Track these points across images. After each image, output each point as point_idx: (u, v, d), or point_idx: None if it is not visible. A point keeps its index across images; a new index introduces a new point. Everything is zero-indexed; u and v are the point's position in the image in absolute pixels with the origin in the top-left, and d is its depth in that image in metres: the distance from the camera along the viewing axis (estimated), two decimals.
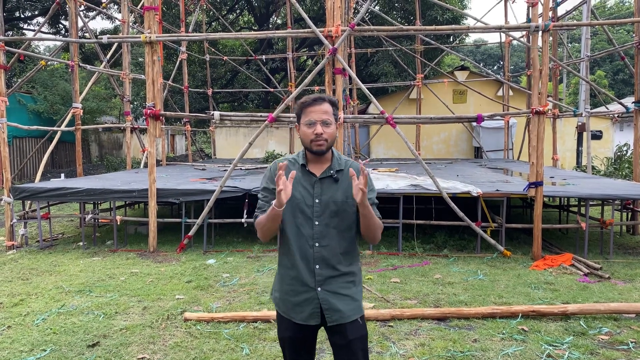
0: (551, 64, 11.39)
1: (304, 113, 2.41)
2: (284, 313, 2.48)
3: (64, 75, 18.53)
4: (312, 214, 2.39)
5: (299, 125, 2.45)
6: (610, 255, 7.03)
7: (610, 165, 14.31)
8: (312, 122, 2.37)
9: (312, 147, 2.39)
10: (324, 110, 2.39)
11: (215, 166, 12.44)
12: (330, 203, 2.39)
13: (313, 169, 2.45)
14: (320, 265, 2.38)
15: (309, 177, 2.43)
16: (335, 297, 2.39)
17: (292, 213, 2.40)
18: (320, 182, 2.42)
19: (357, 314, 2.43)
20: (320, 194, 2.40)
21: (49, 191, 7.71)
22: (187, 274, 6.24)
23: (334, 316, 2.38)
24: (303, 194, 2.41)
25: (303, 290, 2.40)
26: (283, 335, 2.51)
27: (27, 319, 4.73)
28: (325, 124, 2.38)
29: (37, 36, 12.37)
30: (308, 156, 2.47)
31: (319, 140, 2.37)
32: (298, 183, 2.42)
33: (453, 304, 5.07)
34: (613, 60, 35.91)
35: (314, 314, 2.39)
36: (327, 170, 2.43)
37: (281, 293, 2.49)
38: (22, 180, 15.85)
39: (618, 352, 3.95)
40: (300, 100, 2.47)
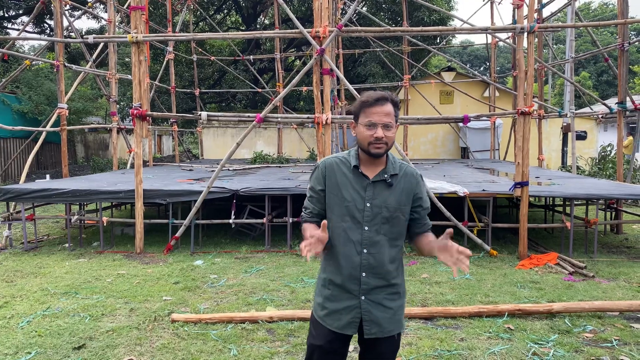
0: (536, 65, 11.52)
1: (364, 113, 2.25)
2: (320, 319, 2.36)
3: (49, 75, 18.33)
4: (363, 218, 2.25)
5: (356, 123, 2.29)
6: (595, 254, 7.12)
7: (595, 166, 14.49)
8: (373, 124, 2.22)
9: (370, 150, 2.24)
10: (386, 112, 2.23)
11: (202, 167, 12.39)
12: (383, 208, 2.26)
13: (366, 171, 2.30)
14: (367, 273, 2.25)
15: (361, 179, 2.29)
16: (378, 308, 2.28)
17: (340, 216, 2.28)
18: (372, 186, 2.28)
19: (396, 330, 2.32)
20: (372, 198, 2.26)
21: (34, 192, 7.62)
22: (174, 275, 6.20)
23: (372, 329, 2.27)
24: (354, 196, 2.27)
25: (345, 297, 2.29)
26: (314, 342, 2.38)
27: (11, 321, 4.67)
28: (387, 127, 2.22)
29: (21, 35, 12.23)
30: (361, 157, 2.31)
31: (379, 144, 2.22)
32: (349, 184, 2.29)
33: (440, 303, 5.10)
34: (597, 61, 36.39)
35: (352, 323, 2.29)
36: (381, 173, 2.29)
37: (322, 298, 2.37)
38: (7, 181, 15.64)
39: (602, 349, 4.01)
40: (360, 97, 2.31)
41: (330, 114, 7.25)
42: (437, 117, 8.22)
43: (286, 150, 16.68)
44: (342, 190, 2.29)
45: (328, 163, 2.36)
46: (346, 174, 2.31)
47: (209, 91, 20.75)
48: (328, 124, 7.20)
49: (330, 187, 2.33)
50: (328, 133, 7.36)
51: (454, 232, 7.64)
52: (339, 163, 2.34)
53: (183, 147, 18.91)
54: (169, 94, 16.00)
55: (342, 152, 2.41)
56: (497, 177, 9.76)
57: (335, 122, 9.16)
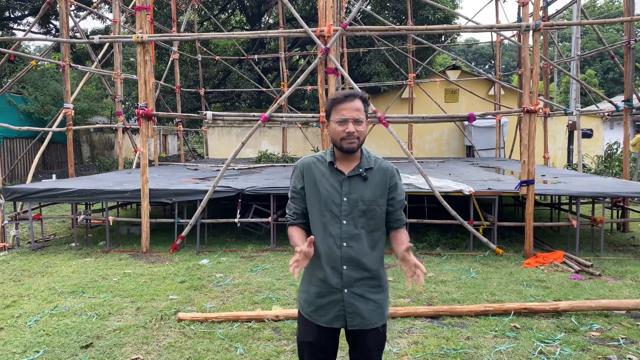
0: (542, 63, 11.47)
1: (335, 110, 2.35)
2: (307, 315, 2.42)
3: (54, 76, 18.40)
4: (340, 212, 2.33)
5: (328, 122, 2.40)
6: (601, 253, 7.10)
7: (601, 164, 14.42)
8: (344, 119, 2.31)
9: (343, 145, 2.33)
10: (356, 107, 2.33)
11: (207, 166, 12.42)
12: (359, 202, 2.34)
13: (341, 166, 2.39)
14: (347, 266, 2.32)
15: (337, 175, 2.38)
16: (361, 301, 2.34)
17: (319, 212, 2.36)
18: (348, 181, 2.36)
19: (380, 322, 2.38)
20: (349, 193, 2.35)
21: (41, 192, 7.66)
22: (180, 274, 6.22)
23: (355, 321, 2.33)
24: (331, 191, 2.36)
25: (329, 292, 2.35)
26: (303, 339, 2.45)
27: (19, 320, 4.71)
28: (357, 121, 2.32)
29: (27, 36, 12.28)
30: (336, 154, 2.41)
31: (351, 139, 2.31)
32: (326, 181, 2.37)
33: (446, 302, 5.10)
34: (603, 59, 36.15)
35: (339, 317, 2.34)
36: (356, 168, 2.38)
37: (307, 294, 2.43)
38: (13, 181, 15.73)
39: (609, 348, 3.99)
40: (331, 96, 2.41)
41: None
42: (442, 116, 8.20)
43: (291, 150, 16.69)
44: (319, 187, 2.38)
45: (305, 162, 2.47)
46: (323, 171, 2.41)
47: (213, 91, 20.78)
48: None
49: (309, 185, 2.42)
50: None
51: (460, 230, 7.61)
52: (315, 162, 2.44)
53: (188, 146, 18.93)
54: (174, 93, 16.05)
55: (320, 152, 2.53)
56: (502, 175, 9.73)
57: None
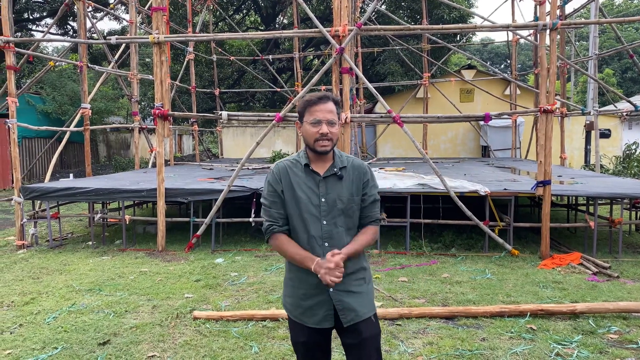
0: (559, 62, 11.34)
1: (308, 112, 2.38)
2: (296, 318, 2.43)
3: (72, 76, 18.65)
4: (320, 213, 2.36)
5: (301, 123, 2.41)
6: (619, 254, 7.00)
7: (619, 164, 14.23)
8: (318, 121, 2.34)
9: (316, 147, 2.36)
10: (329, 109, 2.36)
11: (222, 166, 12.49)
12: (337, 201, 2.37)
13: (316, 168, 2.41)
14: None
15: (313, 176, 2.40)
16: (348, 295, 2.36)
17: (299, 214, 2.37)
18: (324, 181, 2.39)
19: (370, 311, 2.41)
20: (326, 193, 2.37)
21: (59, 191, 7.77)
22: (195, 272, 6.27)
23: (349, 316, 2.34)
24: (308, 194, 2.38)
25: (315, 292, 2.37)
26: (297, 340, 2.47)
27: (38, 317, 4.78)
28: (331, 123, 2.35)
29: (45, 37, 12.43)
30: (310, 155, 2.43)
31: (324, 140, 2.34)
32: (303, 183, 2.39)
33: (461, 302, 5.07)
34: (621, 58, 35.64)
35: (327, 316, 2.37)
36: (331, 168, 2.41)
37: (292, 297, 2.45)
38: (31, 180, 15.97)
39: (627, 350, 3.94)
40: (304, 98, 2.43)
41: (349, 113, 7.25)
42: (457, 116, 8.15)
43: None
44: (296, 190, 2.39)
45: (281, 166, 2.46)
46: (298, 174, 2.41)
47: (228, 91, 20.89)
48: (347, 122, 7.20)
49: (286, 189, 2.41)
50: (347, 132, 7.36)
51: (475, 231, 7.56)
52: (290, 165, 2.44)
53: (203, 146, 19.05)
54: (189, 93, 16.15)
55: (292, 155, 2.53)
56: (518, 176, 9.64)
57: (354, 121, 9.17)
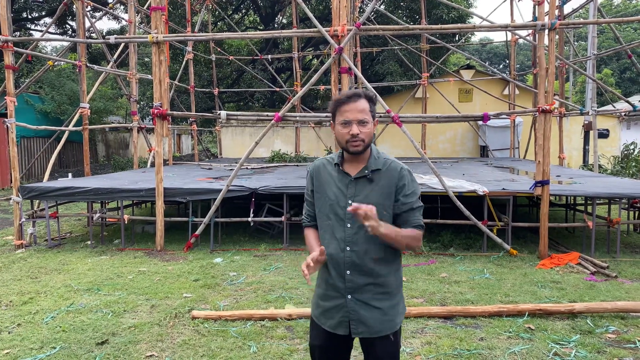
0: (557, 62, 11.35)
1: (339, 112, 2.27)
2: (316, 318, 2.39)
3: (71, 76, 18.63)
4: (345, 215, 2.26)
5: (334, 124, 2.31)
6: (617, 254, 7.01)
7: (617, 164, 14.25)
8: (348, 121, 2.23)
9: (349, 148, 2.26)
10: (360, 108, 2.23)
11: (221, 165, 12.49)
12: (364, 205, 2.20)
13: (348, 168, 2.32)
14: (351, 271, 2.25)
15: (344, 177, 2.31)
16: (364, 308, 2.26)
17: (326, 214, 2.31)
18: (354, 183, 2.29)
19: (386, 329, 2.28)
20: (354, 195, 2.26)
21: (57, 190, 7.77)
22: (194, 272, 6.27)
23: (359, 328, 2.26)
24: (337, 194, 2.29)
25: (334, 295, 2.30)
26: (313, 342, 2.42)
27: (36, 317, 4.78)
28: (362, 123, 2.23)
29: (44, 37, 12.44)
30: (344, 155, 2.34)
31: (355, 141, 2.23)
32: (333, 183, 2.32)
33: (459, 302, 5.07)
34: (620, 58, 35.65)
35: (342, 323, 2.28)
36: (363, 170, 2.30)
37: (316, 297, 2.41)
38: (30, 179, 15.95)
39: (625, 350, 3.95)
40: (335, 97, 2.33)
41: None
42: (456, 115, 8.16)
43: (304, 149, 16.72)
44: (326, 190, 2.34)
45: (316, 165, 2.44)
46: (331, 173, 2.36)
47: (227, 90, 20.88)
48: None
49: (317, 187, 2.39)
50: None
51: (473, 230, 7.54)
52: (325, 164, 2.40)
53: (202, 146, 19.06)
54: (188, 93, 16.15)
55: (333, 153, 2.46)
56: (517, 175, 9.65)
57: None
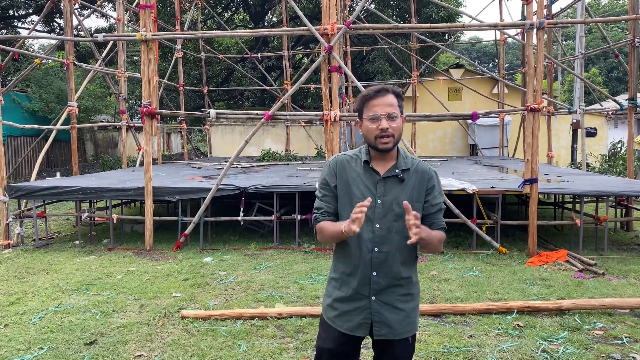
0: (546, 61, 11.44)
1: (366, 107, 2.20)
2: (330, 320, 2.29)
3: (58, 74, 18.46)
4: (374, 215, 2.18)
5: (361, 121, 2.24)
6: (605, 252, 7.08)
7: (605, 162, 14.39)
8: (377, 116, 2.16)
9: (378, 145, 2.18)
10: (388, 102, 2.17)
11: (211, 164, 12.44)
12: (394, 205, 2.18)
13: (376, 166, 2.23)
14: (378, 272, 2.18)
15: (372, 175, 2.22)
16: (389, 310, 2.21)
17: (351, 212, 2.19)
18: (383, 182, 2.20)
19: (409, 332, 2.25)
20: (383, 195, 2.19)
21: (45, 190, 7.69)
22: (183, 272, 6.24)
23: (382, 330, 2.20)
24: (365, 193, 2.20)
25: (356, 297, 2.22)
26: (323, 345, 2.32)
27: (24, 317, 4.73)
28: (391, 117, 2.16)
29: (31, 34, 12.30)
30: (371, 153, 2.25)
31: (385, 137, 2.16)
32: (360, 181, 2.23)
33: (449, 300, 5.10)
34: (607, 57, 36.05)
35: (363, 325, 2.22)
36: (392, 169, 2.22)
37: (331, 299, 2.30)
38: (17, 179, 15.78)
39: (612, 346, 3.99)
40: (361, 93, 2.25)
41: (338, 112, 7.25)
42: (445, 114, 8.21)
43: (294, 148, 16.70)
44: (352, 187, 2.23)
45: (339, 160, 2.31)
46: (357, 170, 2.25)
47: (217, 89, 20.80)
48: (336, 121, 7.20)
49: (341, 184, 2.26)
50: (336, 130, 7.36)
51: (463, 229, 7.56)
52: (349, 160, 2.29)
53: (191, 145, 18.97)
54: (177, 92, 16.07)
55: (353, 150, 2.35)
56: (506, 174, 9.72)
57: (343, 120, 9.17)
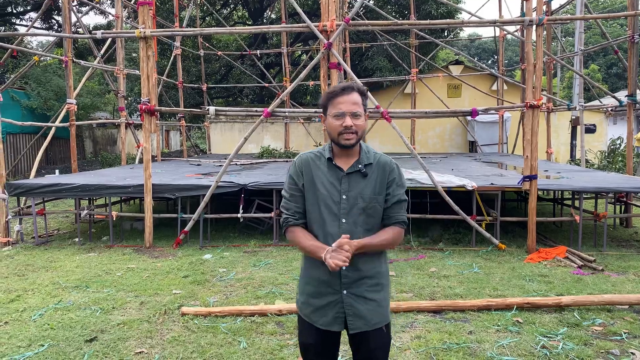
0: (545, 58, 11.44)
1: (331, 104, 2.25)
2: (306, 317, 2.36)
3: (57, 71, 18.40)
4: (339, 211, 2.24)
5: (325, 116, 2.29)
6: (604, 248, 7.09)
7: (604, 159, 14.40)
8: (341, 113, 2.21)
9: (340, 141, 2.24)
10: (353, 100, 2.22)
11: (210, 162, 12.43)
12: (359, 199, 2.25)
13: (340, 163, 2.30)
14: (347, 266, 2.20)
15: (336, 172, 2.28)
16: (360, 301, 2.26)
17: (317, 210, 2.27)
18: (347, 177, 2.27)
19: (382, 321, 2.31)
20: (348, 190, 2.25)
21: (44, 187, 7.69)
22: (183, 269, 6.25)
23: (357, 323, 2.26)
24: (329, 189, 2.26)
25: (328, 292, 2.27)
26: (305, 341, 2.39)
27: (24, 314, 4.73)
28: (355, 115, 2.22)
29: (30, 32, 12.28)
30: (334, 149, 2.32)
31: (348, 134, 2.22)
32: (324, 178, 2.28)
33: (449, 296, 5.11)
34: (607, 54, 36.02)
35: (337, 319, 2.27)
36: (355, 164, 2.29)
37: (305, 296, 2.37)
38: (16, 176, 15.76)
39: (611, 342, 4.00)
40: (327, 90, 2.28)
41: None
42: (445, 111, 8.20)
43: (293, 145, 16.68)
44: (317, 184, 2.28)
45: (303, 158, 2.37)
46: (321, 167, 2.31)
47: (216, 86, 20.76)
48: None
49: (307, 182, 2.32)
50: None
51: (462, 225, 7.58)
52: (313, 158, 2.34)
53: (191, 142, 18.94)
54: (176, 89, 16.04)
55: (318, 147, 2.42)
56: (505, 170, 9.72)
57: None
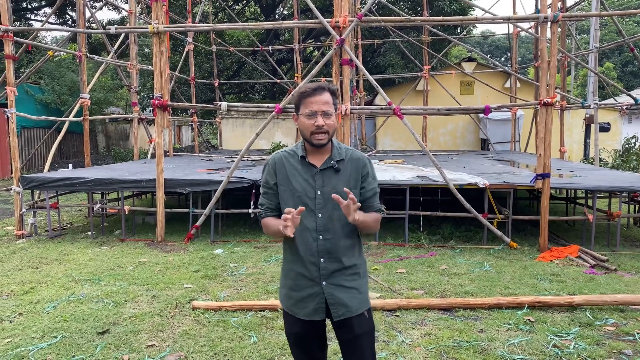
0: (559, 55, 11.31)
1: (303, 104, 2.34)
2: (288, 309, 2.44)
3: (71, 66, 18.59)
4: (315, 206, 2.34)
5: (298, 115, 2.38)
6: (617, 248, 7.02)
7: (618, 158, 14.23)
8: (313, 113, 2.30)
9: (313, 140, 2.33)
10: (324, 100, 2.31)
11: (222, 157, 12.48)
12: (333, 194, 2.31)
13: (313, 160, 2.39)
14: (325, 258, 2.33)
15: (309, 169, 2.38)
16: (340, 290, 2.35)
17: (294, 206, 2.32)
18: (321, 174, 2.36)
19: (363, 307, 2.39)
20: (322, 186, 2.35)
21: (58, 181, 7.77)
22: (194, 263, 6.29)
23: (340, 310, 2.34)
24: (304, 186, 2.36)
25: (307, 285, 2.37)
26: (290, 331, 2.49)
27: (37, 306, 4.80)
28: (326, 115, 2.31)
29: (45, 27, 12.40)
30: (307, 147, 2.41)
31: (320, 133, 2.31)
32: (298, 175, 2.37)
33: (459, 294, 5.09)
34: (622, 51, 35.54)
35: (318, 309, 2.36)
36: (328, 161, 2.38)
37: (285, 289, 2.46)
38: (30, 170, 15.95)
39: (624, 342, 3.96)
40: (298, 90, 2.38)
41: (349, 105, 7.23)
42: (457, 108, 8.14)
43: None
44: (292, 182, 2.37)
45: (277, 157, 2.46)
46: (295, 165, 2.40)
47: (227, 82, 20.82)
48: (347, 114, 7.19)
49: (281, 180, 2.41)
50: (347, 124, 7.35)
51: (474, 223, 7.53)
52: (287, 156, 2.43)
53: (202, 137, 19.02)
54: (188, 84, 16.11)
55: (290, 146, 2.51)
56: (517, 168, 9.65)
57: (354, 113, 9.15)
